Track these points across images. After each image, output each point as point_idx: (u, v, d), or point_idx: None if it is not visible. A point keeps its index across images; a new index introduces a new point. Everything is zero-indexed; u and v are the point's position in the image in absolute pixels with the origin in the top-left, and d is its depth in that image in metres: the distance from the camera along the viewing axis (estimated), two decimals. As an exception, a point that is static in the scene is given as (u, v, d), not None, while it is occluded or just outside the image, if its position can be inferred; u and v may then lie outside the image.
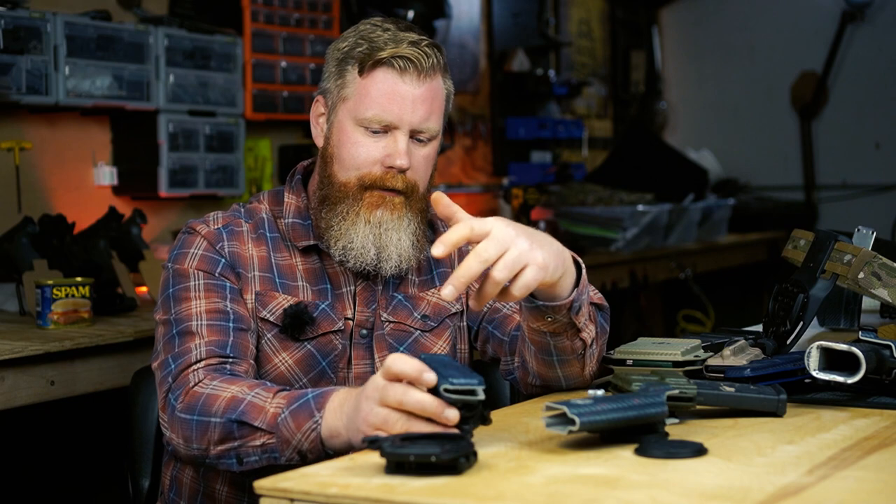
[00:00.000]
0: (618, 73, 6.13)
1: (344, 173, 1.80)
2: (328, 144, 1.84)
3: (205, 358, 1.69)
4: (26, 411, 2.53)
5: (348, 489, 1.19)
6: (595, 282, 4.33)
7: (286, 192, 1.89)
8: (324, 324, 1.81)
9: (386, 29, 1.81)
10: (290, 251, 1.85)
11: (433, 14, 4.44)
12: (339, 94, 1.82)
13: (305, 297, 1.82)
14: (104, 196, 3.42)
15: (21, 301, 2.81)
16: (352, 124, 1.80)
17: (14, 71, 2.95)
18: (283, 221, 1.87)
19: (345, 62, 1.81)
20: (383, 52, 1.78)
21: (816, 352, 1.55)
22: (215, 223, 1.84)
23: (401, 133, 1.79)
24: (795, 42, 6.01)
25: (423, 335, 1.88)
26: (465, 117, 5.03)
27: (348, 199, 1.80)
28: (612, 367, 1.74)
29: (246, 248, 1.82)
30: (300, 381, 1.80)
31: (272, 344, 1.80)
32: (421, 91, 1.79)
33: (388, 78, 1.78)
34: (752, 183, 6.04)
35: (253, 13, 3.68)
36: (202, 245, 1.81)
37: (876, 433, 1.42)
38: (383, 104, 1.78)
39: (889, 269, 1.69)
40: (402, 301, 1.88)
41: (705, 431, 1.42)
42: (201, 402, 1.62)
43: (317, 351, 1.81)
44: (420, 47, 1.79)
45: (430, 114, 1.80)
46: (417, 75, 1.79)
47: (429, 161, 1.84)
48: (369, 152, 1.79)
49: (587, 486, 1.19)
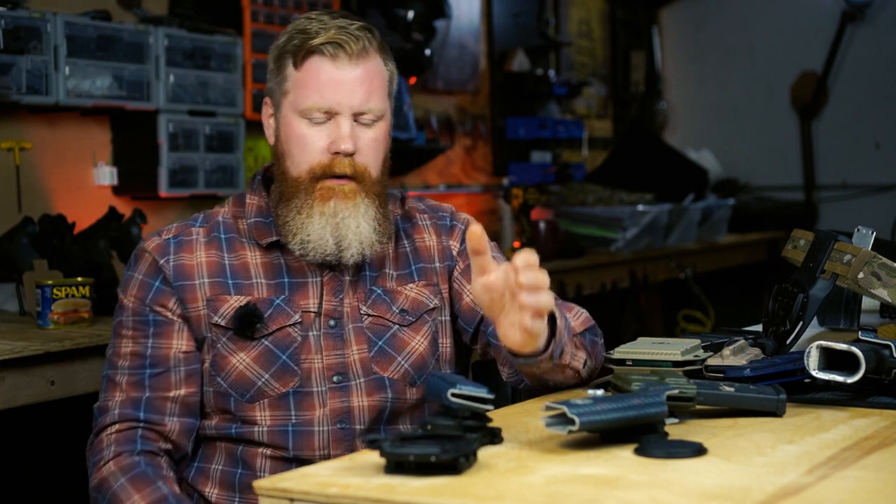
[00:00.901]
0: (618, 73, 6.13)
1: (295, 168, 1.82)
2: (278, 142, 1.86)
3: (118, 421, 1.79)
4: (26, 411, 2.53)
5: (348, 489, 1.19)
6: (595, 282, 4.38)
7: (248, 194, 1.92)
8: (278, 319, 1.82)
9: (317, 19, 1.83)
10: (248, 249, 1.86)
11: (433, 14, 4.44)
12: (280, 90, 1.84)
13: (259, 294, 1.83)
14: (104, 196, 3.42)
15: (21, 301, 2.81)
16: (295, 117, 1.82)
17: (14, 71, 2.95)
18: (245, 222, 1.88)
19: (281, 58, 1.84)
20: (313, 42, 1.80)
21: (816, 352, 1.55)
22: (167, 234, 1.87)
23: (343, 118, 1.80)
24: (795, 42, 6.01)
25: (402, 329, 1.87)
26: (465, 117, 5.03)
27: (301, 194, 1.81)
28: (612, 367, 1.74)
29: (194, 256, 1.85)
30: (262, 378, 1.80)
31: (228, 347, 1.81)
32: (356, 73, 1.80)
33: (321, 65, 1.80)
34: (752, 183, 6.05)
35: (253, 13, 3.68)
36: (145, 266, 1.85)
37: (876, 433, 1.42)
38: (320, 91, 1.79)
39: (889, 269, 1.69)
40: (381, 295, 1.88)
41: (705, 431, 1.42)
42: (109, 496, 1.75)
43: (274, 346, 1.81)
44: (349, 31, 1.80)
45: (369, 94, 1.81)
46: (349, 58, 1.80)
47: (377, 143, 1.84)
48: (315, 142, 1.81)
49: (587, 486, 1.19)
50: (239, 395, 1.80)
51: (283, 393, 1.79)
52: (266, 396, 1.79)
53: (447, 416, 1.34)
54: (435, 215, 1.98)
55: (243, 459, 1.80)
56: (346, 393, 1.81)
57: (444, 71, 4.84)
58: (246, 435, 1.80)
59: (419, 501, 1.16)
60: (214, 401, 1.82)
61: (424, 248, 1.94)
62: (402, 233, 1.94)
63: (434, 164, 4.78)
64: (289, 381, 1.80)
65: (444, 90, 4.87)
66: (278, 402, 1.79)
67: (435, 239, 1.95)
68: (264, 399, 1.79)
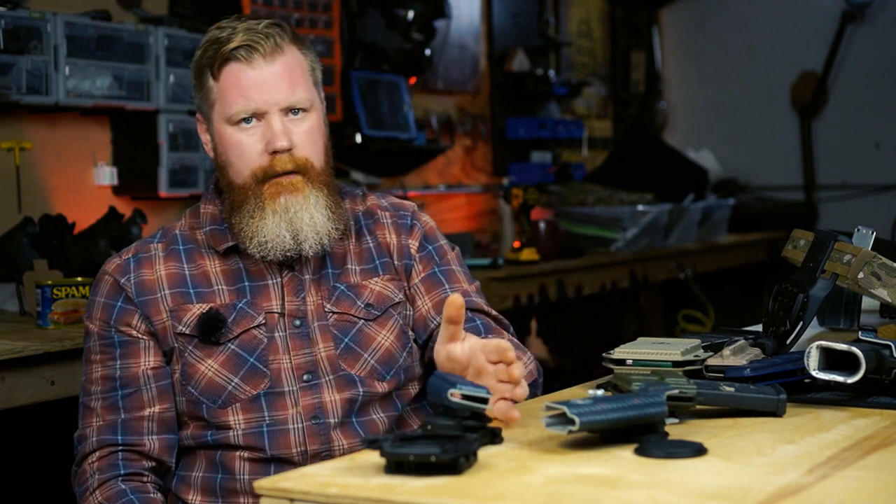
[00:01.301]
0: (618, 73, 6.13)
1: (238, 176, 1.83)
2: (217, 154, 1.87)
3: (97, 448, 1.81)
4: (26, 411, 2.53)
5: (348, 489, 1.19)
6: (595, 282, 4.38)
7: (202, 203, 1.93)
8: (242, 322, 1.82)
9: (226, 27, 1.84)
10: (207, 258, 1.87)
11: (433, 14, 4.44)
12: (206, 104, 1.85)
13: (222, 300, 1.84)
14: (104, 196, 3.42)
15: (21, 301, 2.81)
16: (227, 127, 1.82)
17: (14, 71, 2.95)
18: (201, 232, 1.89)
19: (200, 73, 1.85)
20: (225, 48, 1.80)
21: (816, 352, 1.55)
22: (126, 254, 1.89)
23: (272, 115, 1.80)
24: (795, 42, 6.01)
25: (367, 324, 1.87)
26: (465, 117, 5.03)
27: (251, 199, 1.81)
28: (612, 367, 1.74)
29: (154, 270, 1.86)
30: (231, 382, 1.81)
31: (195, 355, 1.82)
32: (274, 69, 1.81)
33: (238, 70, 1.80)
34: (752, 183, 6.05)
35: (253, 13, 3.68)
36: (106, 288, 1.86)
37: (876, 433, 1.42)
38: (244, 96, 1.80)
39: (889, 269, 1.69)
40: (345, 291, 1.88)
41: (705, 431, 1.42)
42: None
43: (241, 349, 1.82)
44: (257, 31, 1.81)
45: (292, 87, 1.81)
46: (263, 57, 1.80)
47: (313, 134, 1.84)
48: (251, 146, 1.81)
49: (587, 486, 1.19)
50: (210, 401, 1.81)
51: (254, 395, 1.80)
52: (238, 400, 1.80)
53: (447, 416, 1.34)
54: (396, 213, 1.97)
55: (222, 464, 1.82)
56: (317, 390, 1.82)
57: (444, 71, 4.84)
58: (222, 440, 1.81)
59: (419, 501, 1.16)
60: (188, 410, 1.83)
61: (385, 244, 1.94)
62: (365, 229, 1.94)
63: (434, 164, 4.78)
64: (259, 382, 1.81)
65: (444, 90, 4.87)
66: (251, 405, 1.80)
67: (395, 237, 1.94)
68: (236, 403, 1.80)
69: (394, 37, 4.37)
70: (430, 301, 1.91)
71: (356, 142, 4.11)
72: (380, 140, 4.18)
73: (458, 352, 1.55)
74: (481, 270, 3.81)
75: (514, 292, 3.90)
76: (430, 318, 1.90)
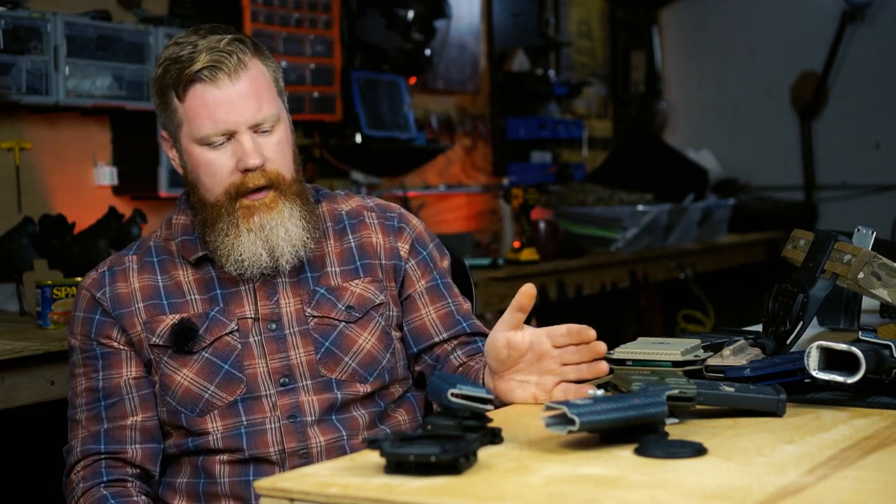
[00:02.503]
0: (618, 73, 6.13)
1: (210, 194, 1.82)
2: (186, 172, 1.86)
3: (82, 458, 1.83)
4: (26, 411, 2.53)
5: (348, 489, 1.19)
6: (595, 282, 4.38)
7: (175, 215, 1.92)
8: (214, 329, 1.83)
9: (188, 44, 1.81)
10: (180, 268, 1.88)
11: (433, 14, 4.44)
12: (173, 124, 1.84)
13: (195, 310, 1.84)
14: (104, 196, 3.42)
15: (21, 301, 2.81)
16: (195, 147, 1.81)
17: (14, 71, 2.96)
18: (174, 242, 1.89)
19: (164, 93, 1.83)
20: (189, 70, 1.78)
21: (816, 352, 1.55)
22: (102, 267, 1.90)
23: (241, 134, 1.79)
24: (795, 42, 6.01)
25: (348, 326, 1.87)
26: (465, 117, 5.03)
27: (224, 216, 1.81)
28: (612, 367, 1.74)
29: (128, 283, 1.87)
30: (208, 390, 1.81)
31: (170, 365, 1.82)
32: (239, 87, 1.79)
33: (203, 92, 1.78)
34: (752, 183, 6.05)
35: (253, 13, 3.68)
36: (84, 303, 1.88)
37: (876, 433, 1.42)
38: (212, 117, 1.78)
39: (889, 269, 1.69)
40: (325, 294, 1.87)
41: (705, 431, 1.42)
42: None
43: (214, 357, 1.82)
44: (220, 50, 1.79)
45: (259, 103, 1.80)
46: (228, 77, 1.78)
47: (283, 146, 1.83)
48: (222, 165, 1.80)
49: (587, 486, 1.19)
50: (188, 410, 1.82)
51: (231, 402, 1.81)
52: (215, 407, 1.81)
53: (447, 416, 1.34)
54: (382, 214, 1.97)
55: (203, 469, 1.83)
56: (294, 393, 1.83)
57: (444, 71, 4.84)
58: (202, 446, 1.82)
59: (419, 501, 1.15)
60: (168, 419, 1.84)
61: (370, 244, 1.93)
62: (348, 228, 1.94)
63: (434, 164, 4.78)
64: (235, 388, 1.81)
65: (444, 90, 4.87)
66: (228, 411, 1.81)
67: (381, 237, 1.94)
68: (214, 410, 1.81)
69: (394, 37, 4.37)
70: (435, 313, 1.92)
71: (356, 142, 4.11)
72: (380, 140, 4.18)
73: (520, 339, 1.64)
74: (481, 270, 3.81)
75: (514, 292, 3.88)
76: (436, 330, 1.91)
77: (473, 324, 1.94)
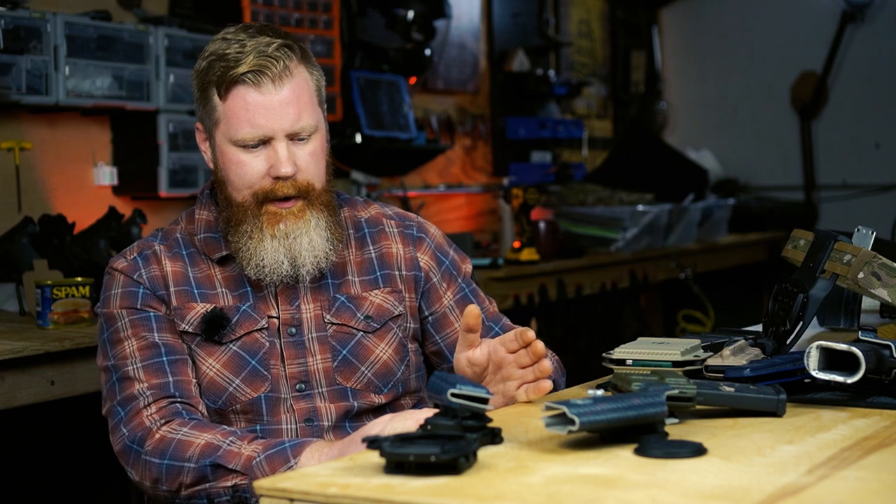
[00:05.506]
0: (618, 73, 6.13)
1: (238, 194, 1.81)
2: (217, 168, 1.85)
3: (153, 401, 1.75)
4: (26, 411, 2.53)
5: (348, 489, 1.19)
6: (595, 282, 4.38)
7: (197, 209, 1.91)
8: (245, 324, 1.83)
9: (236, 41, 1.79)
10: (207, 264, 1.87)
11: (433, 14, 4.44)
12: (210, 120, 1.83)
13: (225, 303, 1.84)
14: (104, 196, 3.42)
15: (21, 301, 2.81)
16: (230, 146, 1.80)
17: (14, 71, 2.95)
18: (196, 238, 1.88)
19: (205, 88, 1.81)
20: (235, 71, 1.77)
21: (816, 352, 1.55)
22: (130, 254, 1.88)
23: (277, 142, 1.78)
24: (795, 42, 6.01)
25: (366, 336, 1.87)
26: (465, 117, 5.03)
27: (249, 218, 1.80)
28: (612, 367, 1.74)
29: (161, 266, 1.85)
30: (233, 384, 1.81)
31: (198, 354, 1.82)
32: (282, 95, 1.78)
33: (246, 94, 1.77)
34: (752, 183, 6.05)
35: (253, 13, 3.68)
36: (120, 282, 1.85)
37: (875, 433, 1.42)
38: (251, 121, 1.77)
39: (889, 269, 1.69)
40: (346, 302, 1.88)
41: (705, 431, 1.42)
42: (173, 447, 1.69)
43: (244, 351, 1.82)
44: (268, 54, 1.77)
45: (299, 112, 1.79)
46: (273, 82, 1.77)
47: (317, 156, 1.83)
48: (254, 168, 1.79)
49: (587, 486, 1.19)
50: (211, 401, 1.81)
51: (253, 398, 1.81)
52: (237, 402, 1.81)
53: (447, 416, 1.34)
54: (402, 223, 1.97)
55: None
56: (311, 399, 1.83)
57: (444, 71, 4.84)
58: None
59: (419, 501, 1.16)
60: None
61: (390, 254, 1.93)
62: (368, 237, 1.93)
63: (434, 164, 4.78)
64: (259, 385, 1.81)
65: (444, 90, 4.87)
66: (250, 407, 1.81)
67: (401, 247, 1.94)
68: (236, 405, 1.81)
69: (394, 37, 4.37)
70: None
71: (356, 142, 4.11)
72: (380, 140, 4.18)
73: (478, 354, 1.69)
74: (481, 270, 3.81)
75: (514, 292, 3.90)
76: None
77: (504, 325, 1.96)
